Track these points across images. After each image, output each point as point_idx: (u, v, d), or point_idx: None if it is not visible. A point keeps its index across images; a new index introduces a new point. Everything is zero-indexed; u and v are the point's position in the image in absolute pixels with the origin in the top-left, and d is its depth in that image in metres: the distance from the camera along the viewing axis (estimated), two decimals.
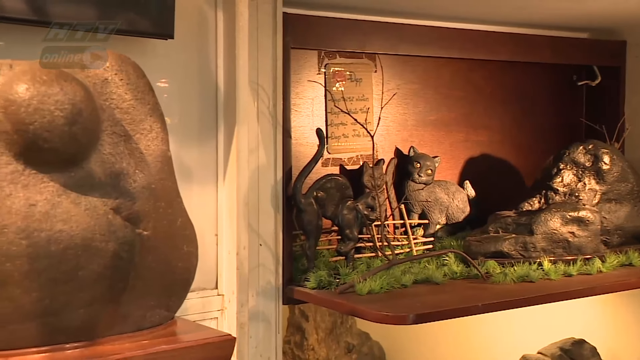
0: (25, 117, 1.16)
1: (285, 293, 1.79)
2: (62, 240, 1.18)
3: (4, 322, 1.15)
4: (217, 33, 1.71)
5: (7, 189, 1.16)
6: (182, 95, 1.67)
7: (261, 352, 1.75)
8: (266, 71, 1.75)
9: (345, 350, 2.56)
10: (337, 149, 1.99)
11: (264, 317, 1.76)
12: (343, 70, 1.99)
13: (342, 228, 1.82)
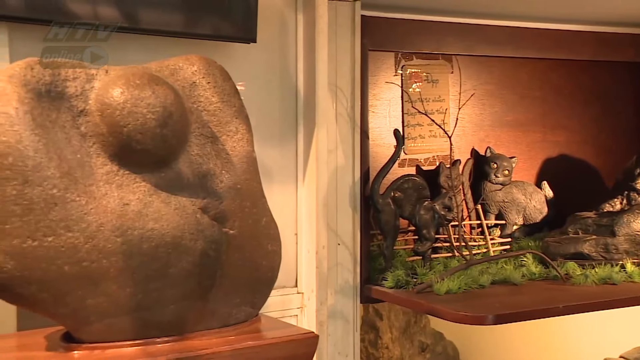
0: (120, 119, 1.21)
1: (363, 292, 1.81)
2: (154, 239, 1.23)
3: (101, 316, 1.21)
4: (297, 36, 1.74)
5: (103, 189, 1.22)
6: (263, 98, 1.71)
7: (339, 349, 1.78)
8: (344, 73, 1.78)
9: (419, 350, 2.56)
10: (413, 150, 2.00)
11: (342, 315, 1.78)
12: (419, 71, 2.00)
13: (419, 228, 1.83)
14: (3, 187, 1.13)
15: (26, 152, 1.14)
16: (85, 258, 1.18)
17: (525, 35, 2.04)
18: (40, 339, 1.29)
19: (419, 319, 2.61)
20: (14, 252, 1.14)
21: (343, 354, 1.78)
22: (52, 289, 1.17)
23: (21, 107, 1.15)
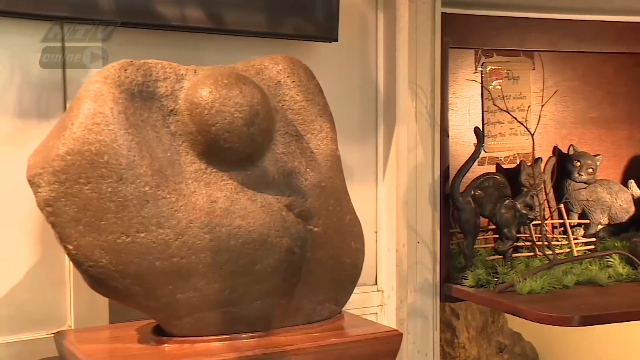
0: (208, 118, 1.24)
1: (443, 290, 1.80)
2: (241, 235, 1.25)
3: (191, 310, 1.24)
4: (378, 35, 1.75)
5: (191, 186, 1.25)
6: (344, 96, 1.72)
7: (419, 347, 1.77)
8: (425, 71, 1.77)
9: (497, 350, 2.53)
10: (493, 148, 1.97)
11: (422, 313, 1.78)
12: (500, 68, 1.97)
13: (500, 227, 1.81)
14: (99, 184, 1.17)
15: (120, 150, 1.18)
16: (176, 254, 1.21)
17: (611, 29, 1.99)
18: (132, 331, 1.34)
19: (496, 318, 2.58)
20: (108, 248, 1.18)
21: (422, 353, 1.77)
22: (145, 283, 1.21)
23: (116, 107, 1.19)
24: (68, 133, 1.17)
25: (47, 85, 1.44)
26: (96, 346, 1.27)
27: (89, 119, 1.18)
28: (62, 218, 1.18)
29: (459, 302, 2.18)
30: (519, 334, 2.67)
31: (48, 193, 1.18)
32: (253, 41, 1.57)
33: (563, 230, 1.99)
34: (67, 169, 1.17)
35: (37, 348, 1.41)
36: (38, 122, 1.43)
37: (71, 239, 1.18)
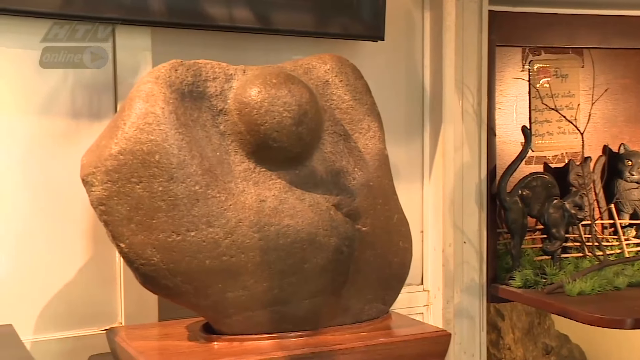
0: (257, 118, 1.25)
1: (490, 291, 1.78)
2: (290, 234, 1.26)
3: (240, 309, 1.25)
4: (424, 33, 1.74)
5: (240, 186, 1.26)
6: (390, 95, 1.71)
7: (465, 348, 1.76)
8: (471, 70, 1.76)
9: (543, 352, 2.50)
10: (541, 147, 1.95)
11: (468, 314, 1.76)
12: (548, 66, 1.94)
13: (548, 227, 1.78)
14: (150, 183, 1.19)
15: (171, 150, 1.19)
16: (225, 252, 1.22)
17: None
18: (181, 329, 1.35)
19: (542, 320, 2.55)
20: (160, 246, 1.20)
21: (469, 354, 1.76)
22: (195, 282, 1.22)
23: (167, 107, 1.20)
24: (120, 133, 1.19)
25: (99, 86, 1.46)
26: (147, 343, 1.28)
27: (141, 119, 1.19)
28: (115, 217, 1.20)
29: (504, 303, 2.16)
30: (566, 336, 2.63)
31: (101, 192, 1.20)
32: (299, 41, 1.57)
33: (614, 230, 1.95)
34: (120, 168, 1.19)
35: (89, 344, 1.43)
36: (90, 122, 1.45)
37: (123, 237, 1.20)
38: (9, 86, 1.40)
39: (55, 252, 1.44)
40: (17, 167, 1.40)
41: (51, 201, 1.43)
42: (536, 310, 2.52)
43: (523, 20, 1.84)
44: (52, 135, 1.43)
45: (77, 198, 1.43)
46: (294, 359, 1.22)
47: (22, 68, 1.40)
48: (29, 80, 1.41)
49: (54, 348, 1.41)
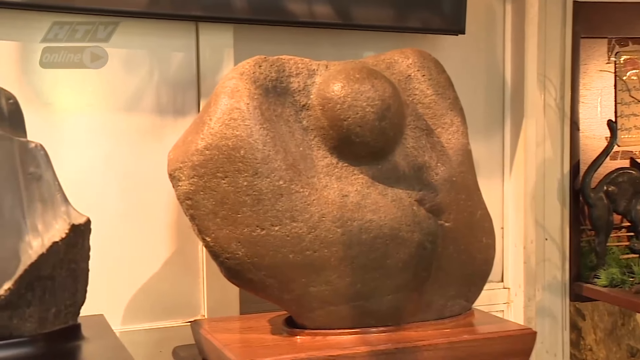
0: (340, 113, 1.25)
1: (572, 289, 1.74)
2: (372, 230, 1.25)
3: (323, 304, 1.25)
4: (505, 26, 1.71)
5: (323, 181, 1.26)
6: (470, 89, 1.69)
7: (547, 347, 1.72)
8: (554, 63, 1.72)
9: (628, 354, 2.42)
10: (627, 142, 1.89)
11: (550, 312, 1.73)
12: (636, 57, 1.88)
13: (635, 224, 1.73)
14: (235, 178, 1.20)
15: (256, 145, 1.20)
16: (309, 247, 1.23)
17: None
18: (264, 322, 1.37)
19: (626, 321, 2.47)
20: (244, 240, 1.21)
21: (551, 353, 1.72)
22: (279, 276, 1.23)
23: (251, 102, 1.22)
24: (206, 128, 1.21)
25: (182, 83, 1.49)
26: (231, 336, 1.30)
27: (226, 115, 1.21)
28: (201, 211, 1.22)
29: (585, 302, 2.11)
30: None
31: (188, 187, 1.22)
32: (379, 36, 1.57)
33: None
34: (206, 163, 1.21)
35: (174, 335, 1.47)
36: (174, 119, 1.48)
37: (209, 231, 1.22)
38: (95, 84, 1.44)
39: (142, 245, 1.47)
40: (105, 162, 1.45)
41: (137, 196, 1.46)
42: (620, 310, 2.45)
43: (609, 11, 1.78)
44: (138, 132, 1.46)
45: (162, 192, 1.46)
46: (377, 354, 1.21)
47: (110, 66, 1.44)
48: (116, 77, 1.45)
49: (141, 338, 1.45)
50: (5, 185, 1.06)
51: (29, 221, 1.08)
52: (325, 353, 1.20)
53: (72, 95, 1.43)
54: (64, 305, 1.12)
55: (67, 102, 1.42)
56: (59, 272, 1.10)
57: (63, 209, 1.11)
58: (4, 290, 1.03)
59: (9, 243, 1.05)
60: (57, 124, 1.41)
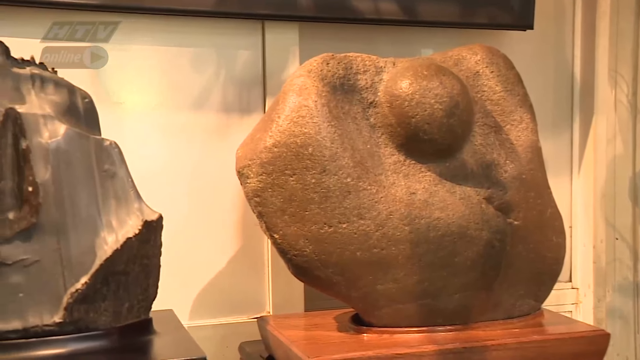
0: (408, 110, 1.24)
1: None
2: (440, 228, 1.24)
3: (390, 301, 1.25)
4: (575, 21, 1.67)
5: (391, 178, 1.25)
6: (537, 86, 1.66)
7: (618, 350, 1.68)
8: (626, 58, 1.68)
9: None
10: None
11: (621, 314, 1.69)
12: None
13: None
14: (303, 175, 1.21)
15: (324, 142, 1.21)
16: (376, 245, 1.22)
17: None
18: (330, 319, 1.37)
19: None
20: (312, 237, 1.22)
21: (622, 356, 1.68)
22: (346, 273, 1.23)
23: (319, 100, 1.22)
24: (275, 126, 1.22)
25: (248, 81, 1.50)
26: (298, 332, 1.31)
27: (295, 112, 1.21)
28: (269, 208, 1.23)
29: None
30: None
31: (256, 184, 1.23)
32: (446, 32, 1.56)
33: None
34: (274, 160, 1.21)
35: (239, 331, 1.48)
36: (240, 117, 1.50)
37: (277, 228, 1.23)
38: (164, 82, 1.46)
39: (208, 242, 1.49)
40: (173, 160, 1.47)
41: (204, 193, 1.49)
42: None
43: None
44: (205, 130, 1.48)
45: (228, 190, 1.48)
46: (444, 353, 1.20)
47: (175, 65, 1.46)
48: (184, 76, 1.47)
49: (208, 334, 1.47)
50: (82, 183, 1.09)
51: (104, 217, 1.10)
52: (392, 351, 1.19)
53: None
54: (137, 300, 1.15)
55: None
56: (132, 268, 1.12)
57: (136, 205, 1.13)
58: (81, 284, 1.06)
59: (85, 239, 1.08)
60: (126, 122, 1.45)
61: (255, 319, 1.44)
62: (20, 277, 1.04)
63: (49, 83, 1.12)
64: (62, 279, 1.06)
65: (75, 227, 1.08)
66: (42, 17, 1.38)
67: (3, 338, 1.03)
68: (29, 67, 1.12)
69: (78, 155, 1.09)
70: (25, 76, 1.11)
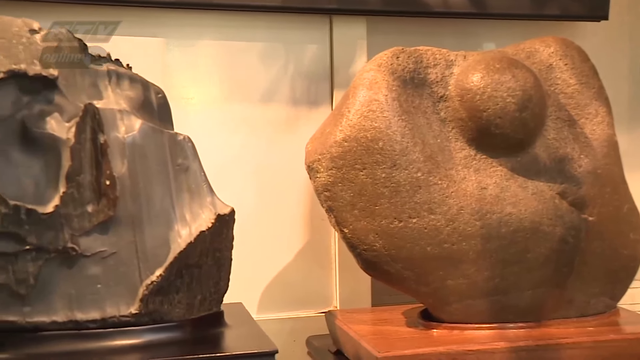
0: (480, 104, 1.22)
1: None
2: (512, 223, 1.22)
3: (460, 297, 1.23)
4: None
5: (461, 173, 1.24)
6: (612, 78, 1.60)
7: None
8: None
9: None
10: None
11: None
12: None
13: None
14: (374, 170, 1.20)
15: (394, 137, 1.20)
16: (446, 240, 1.21)
17: None
18: (398, 315, 1.36)
19: None
20: (382, 232, 1.21)
21: None
22: (416, 268, 1.22)
23: (390, 94, 1.21)
24: (345, 120, 1.22)
25: (316, 76, 1.51)
26: (366, 327, 1.30)
27: (365, 106, 1.21)
28: (339, 202, 1.23)
29: None
30: None
31: (326, 178, 1.23)
32: (515, 24, 1.53)
33: None
34: (344, 155, 1.21)
35: (306, 325, 1.49)
36: (308, 110, 1.50)
37: (347, 222, 1.23)
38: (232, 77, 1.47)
39: (275, 236, 1.50)
40: (241, 153, 1.48)
41: (272, 187, 1.49)
42: None
43: None
44: (272, 124, 1.49)
45: (295, 184, 1.49)
46: (516, 350, 1.18)
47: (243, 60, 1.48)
48: (252, 71, 1.48)
49: (275, 328, 1.47)
50: (156, 176, 1.11)
51: (178, 211, 1.12)
52: (463, 347, 1.18)
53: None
54: (209, 293, 1.16)
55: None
56: (205, 261, 1.13)
57: (209, 199, 1.14)
58: (156, 277, 1.08)
59: (159, 232, 1.10)
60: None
61: (323, 313, 1.44)
62: (98, 269, 1.07)
63: (124, 79, 1.14)
64: (138, 271, 1.08)
65: (150, 220, 1.09)
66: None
67: (82, 327, 1.06)
68: (105, 63, 1.14)
69: (153, 149, 1.11)
70: (102, 73, 1.13)
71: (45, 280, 1.05)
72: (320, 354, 1.38)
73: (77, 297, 1.06)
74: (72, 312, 1.06)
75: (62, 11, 1.34)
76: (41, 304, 1.05)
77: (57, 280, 1.05)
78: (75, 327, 1.06)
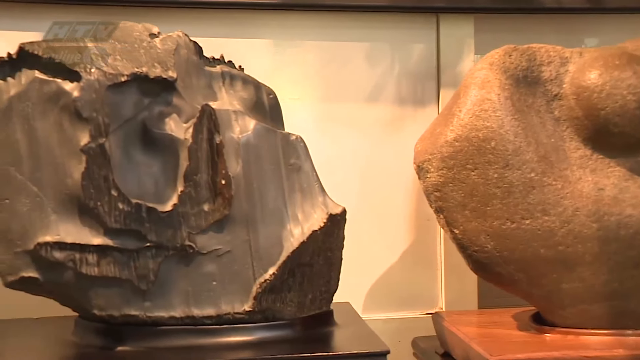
0: (597, 102, 1.18)
1: None
2: (632, 225, 1.17)
3: (575, 301, 1.20)
4: None
5: (577, 173, 1.20)
6: None
7: None
8: None
9: None
10: None
11: None
12: None
13: None
14: (485, 170, 1.18)
15: (507, 136, 1.17)
16: (561, 242, 1.18)
17: None
18: (508, 317, 1.33)
19: None
20: (493, 233, 1.19)
21: None
22: (528, 271, 1.19)
23: (502, 93, 1.19)
24: (456, 120, 1.20)
25: (422, 75, 1.49)
26: (476, 329, 1.28)
27: (477, 106, 1.19)
28: (450, 203, 1.21)
29: None
30: None
31: (437, 178, 1.22)
32: (633, 19, 1.47)
33: None
34: (455, 155, 1.20)
35: (412, 326, 1.48)
36: (414, 110, 1.49)
37: (457, 223, 1.21)
38: (337, 77, 1.48)
39: (381, 235, 1.50)
40: (346, 153, 1.49)
41: (378, 186, 1.49)
42: None
43: None
44: (378, 123, 1.49)
45: (401, 183, 1.48)
46: (637, 358, 1.14)
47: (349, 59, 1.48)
48: (358, 71, 1.48)
49: (380, 328, 1.46)
50: (269, 176, 1.12)
51: (290, 210, 1.13)
52: (579, 353, 1.14)
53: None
54: (319, 292, 1.17)
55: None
56: (316, 260, 1.14)
57: (320, 199, 1.15)
58: (269, 275, 1.10)
59: (272, 231, 1.12)
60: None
61: (428, 314, 1.43)
62: (213, 267, 1.09)
63: (237, 80, 1.17)
64: (252, 269, 1.10)
65: (263, 219, 1.11)
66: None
67: (198, 323, 1.09)
68: (219, 65, 1.17)
69: (266, 149, 1.12)
70: (216, 74, 1.15)
71: (164, 277, 1.08)
72: (427, 355, 1.37)
73: (194, 294, 1.09)
74: (189, 308, 1.09)
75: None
76: (160, 299, 1.08)
77: (175, 277, 1.08)
78: (192, 322, 1.09)
